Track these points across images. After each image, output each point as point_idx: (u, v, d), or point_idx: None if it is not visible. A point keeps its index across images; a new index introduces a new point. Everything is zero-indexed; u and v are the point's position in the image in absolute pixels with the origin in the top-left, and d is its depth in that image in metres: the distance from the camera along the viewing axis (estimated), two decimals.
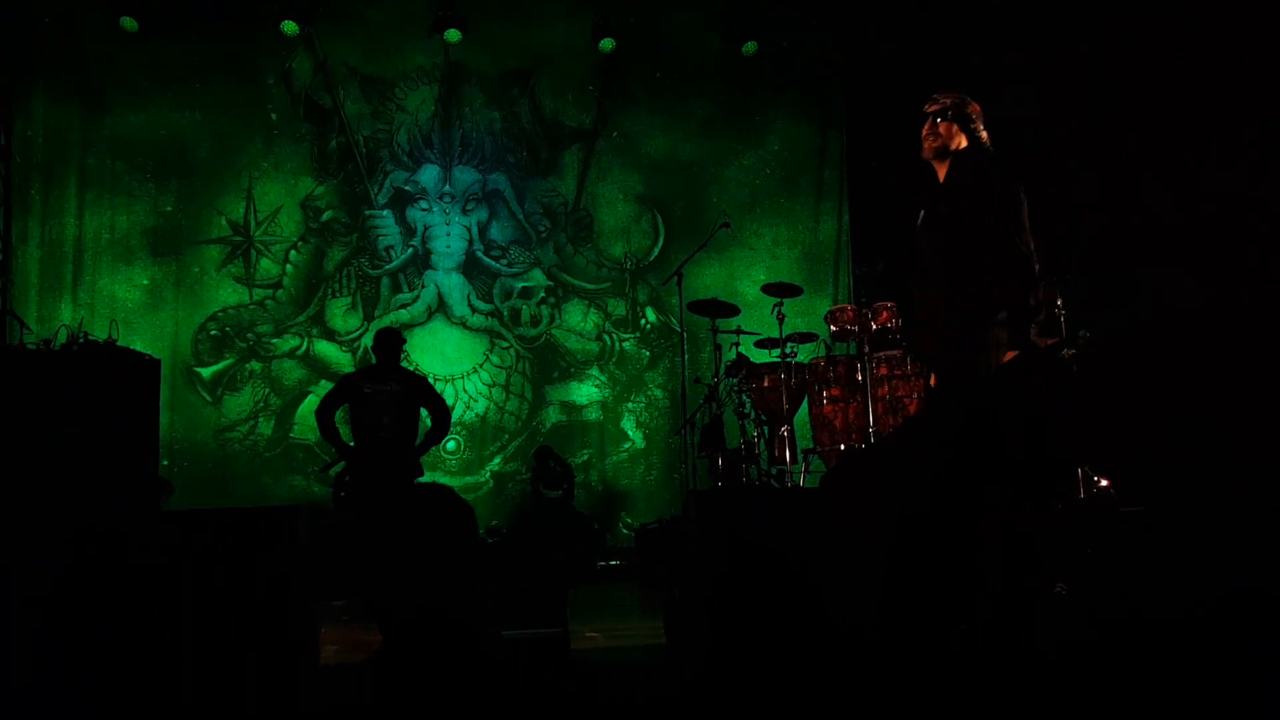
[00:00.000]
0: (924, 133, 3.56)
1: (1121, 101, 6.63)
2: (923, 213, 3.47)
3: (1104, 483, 5.13)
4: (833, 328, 6.58)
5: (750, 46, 8.89)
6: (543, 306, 8.89)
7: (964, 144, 3.53)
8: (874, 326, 6.48)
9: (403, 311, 8.73)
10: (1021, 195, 3.30)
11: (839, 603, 2.46)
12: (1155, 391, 5.95)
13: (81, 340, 5.97)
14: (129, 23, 8.14)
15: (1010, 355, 3.02)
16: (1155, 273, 6.10)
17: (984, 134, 3.52)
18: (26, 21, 8.31)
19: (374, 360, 6.66)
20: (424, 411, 6.59)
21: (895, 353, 6.46)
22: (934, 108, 3.57)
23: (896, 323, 6.48)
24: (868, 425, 6.32)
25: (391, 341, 6.51)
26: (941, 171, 3.56)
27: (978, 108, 3.58)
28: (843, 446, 6.50)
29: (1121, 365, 5.87)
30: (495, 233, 8.93)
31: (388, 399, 6.37)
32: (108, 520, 3.25)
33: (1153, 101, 6.39)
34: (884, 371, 6.44)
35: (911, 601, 2.36)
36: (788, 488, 6.50)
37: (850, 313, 6.56)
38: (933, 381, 3.22)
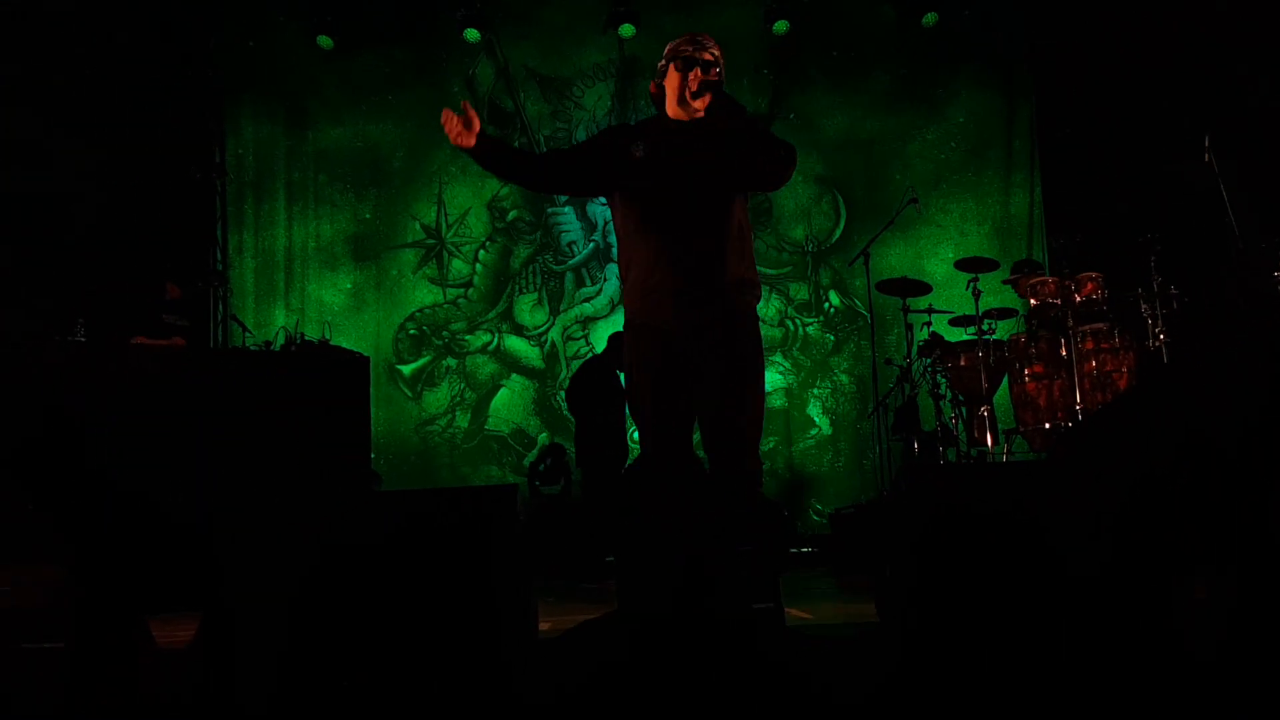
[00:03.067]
0: (709, 79, 3.11)
1: None
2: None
3: None
4: (1033, 301, 6.31)
5: (930, 18, 8.61)
6: None
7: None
8: (1078, 299, 6.17)
9: (586, 305, 8.90)
10: None
11: (1079, 564, 2.34)
12: None
13: (299, 341, 6.38)
14: (325, 41, 8.62)
15: None
16: None
17: None
18: (233, 47, 8.93)
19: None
20: None
21: (1102, 326, 6.13)
22: (713, 52, 3.19)
23: (1102, 294, 6.15)
24: (1074, 403, 6.02)
25: None
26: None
27: None
28: (1047, 426, 6.22)
29: None
30: None
31: None
32: (337, 505, 3.43)
33: None
34: (1090, 346, 6.13)
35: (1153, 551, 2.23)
36: (1006, 461, 6.26)
37: (1052, 285, 6.27)
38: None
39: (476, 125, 3.07)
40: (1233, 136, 5.71)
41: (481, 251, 9.01)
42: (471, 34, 8.67)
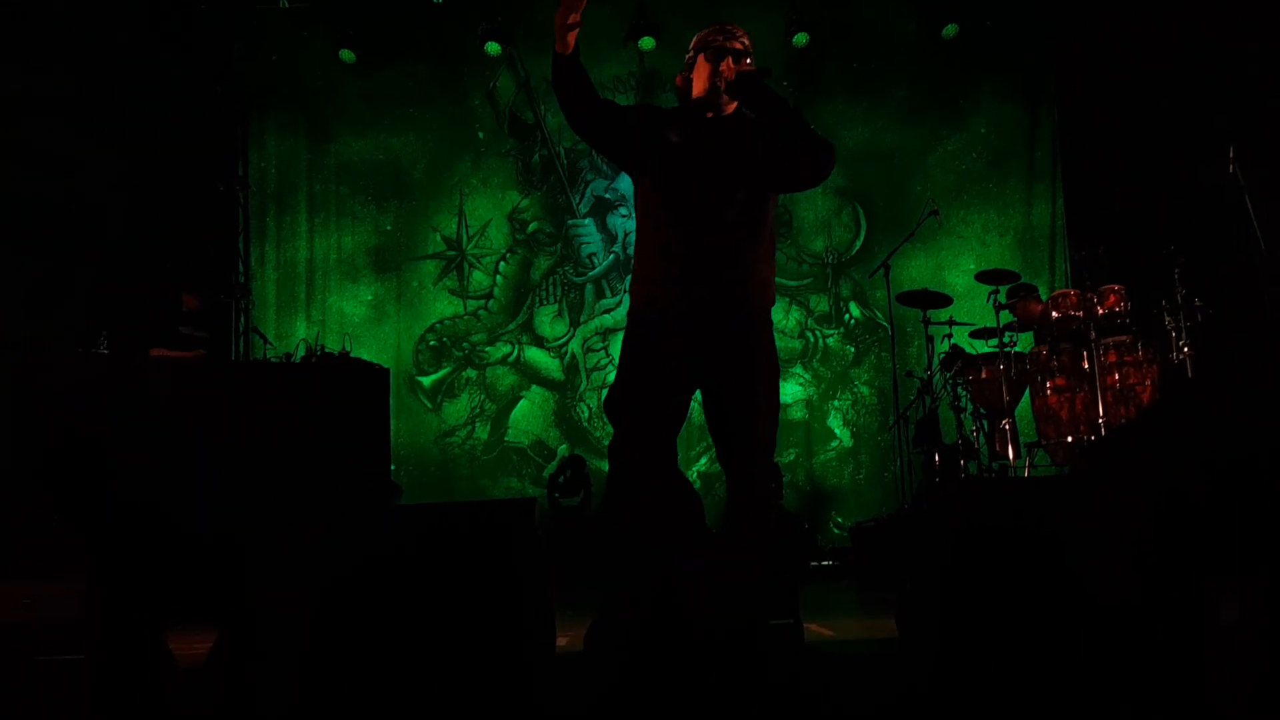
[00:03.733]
0: (736, 64, 3.06)
1: None
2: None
3: None
4: (1054, 314, 6.27)
5: (951, 29, 8.59)
6: None
7: None
8: (1100, 311, 6.14)
9: (606, 316, 8.90)
10: None
11: (1101, 582, 2.32)
12: None
13: (319, 353, 6.42)
14: (347, 55, 8.68)
15: None
16: None
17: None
18: (257, 61, 9.02)
19: None
20: None
21: (1125, 338, 6.09)
22: (743, 42, 3.11)
23: (1125, 306, 6.11)
24: (1097, 416, 5.98)
25: None
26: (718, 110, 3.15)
27: None
28: (1070, 439, 6.17)
29: None
30: None
31: None
32: (357, 517, 3.43)
33: None
34: (1113, 358, 6.09)
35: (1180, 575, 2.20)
36: (1028, 476, 6.22)
37: (1074, 297, 6.23)
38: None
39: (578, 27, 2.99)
40: (1257, 147, 5.67)
41: (502, 263, 9.04)
42: (493, 47, 8.71)
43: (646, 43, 8.68)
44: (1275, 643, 2.28)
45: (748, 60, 3.09)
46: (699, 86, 3.10)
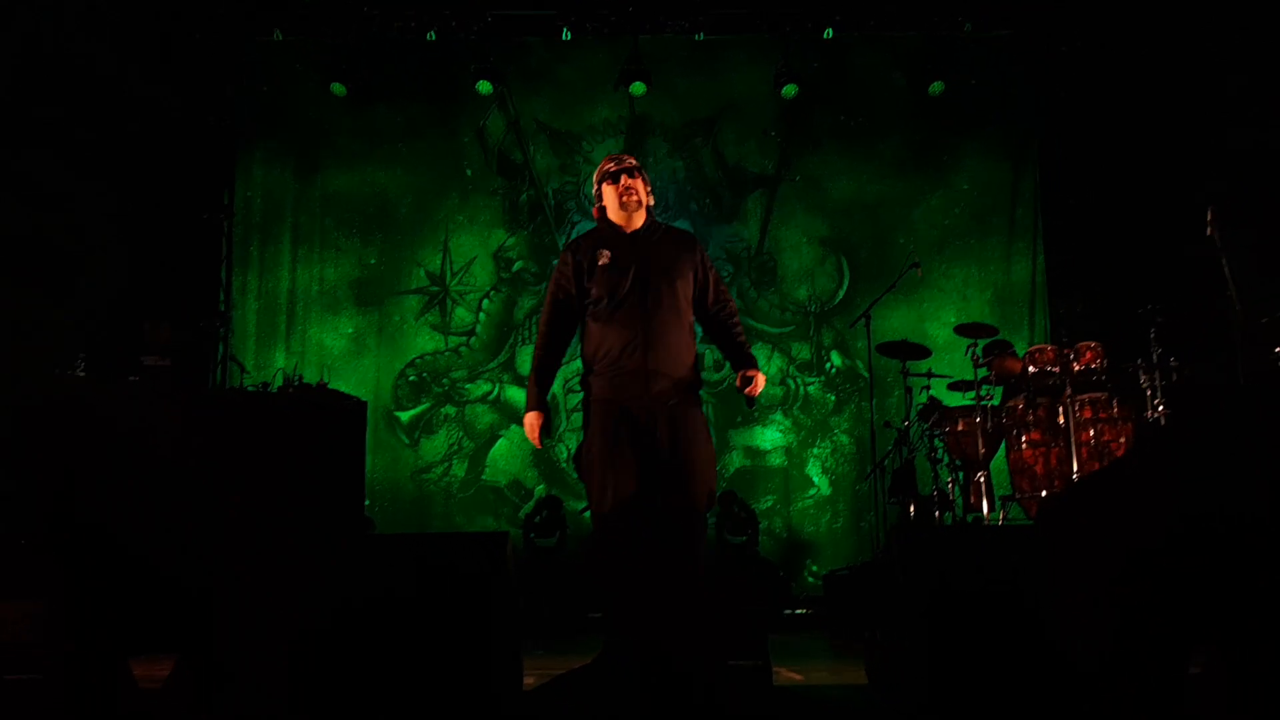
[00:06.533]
0: (635, 183, 3.76)
1: None
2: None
3: None
4: (1031, 369, 6.31)
5: (937, 86, 8.74)
6: None
7: (651, 201, 3.85)
8: (1076, 368, 6.18)
9: None
10: None
11: (1068, 640, 2.32)
12: None
13: (297, 383, 6.38)
14: (338, 88, 8.74)
15: None
16: None
17: None
18: (248, 91, 9.06)
19: None
20: None
21: (1100, 395, 6.13)
22: (631, 162, 3.83)
23: (1102, 363, 6.16)
24: (1071, 471, 6.00)
25: None
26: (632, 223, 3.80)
27: None
28: (1044, 493, 6.19)
29: None
30: None
31: None
32: (328, 548, 3.40)
33: None
34: (1088, 415, 6.12)
35: (1141, 640, 2.20)
36: (998, 526, 6.23)
37: (1050, 353, 6.28)
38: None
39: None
40: (1236, 210, 5.76)
41: (485, 301, 9.04)
42: (484, 86, 8.79)
43: (638, 88, 8.77)
44: (1246, 701, 2.28)
45: (639, 171, 3.80)
46: (612, 210, 3.78)
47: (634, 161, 3.82)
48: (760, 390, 3.70)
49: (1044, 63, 8.86)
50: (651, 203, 3.83)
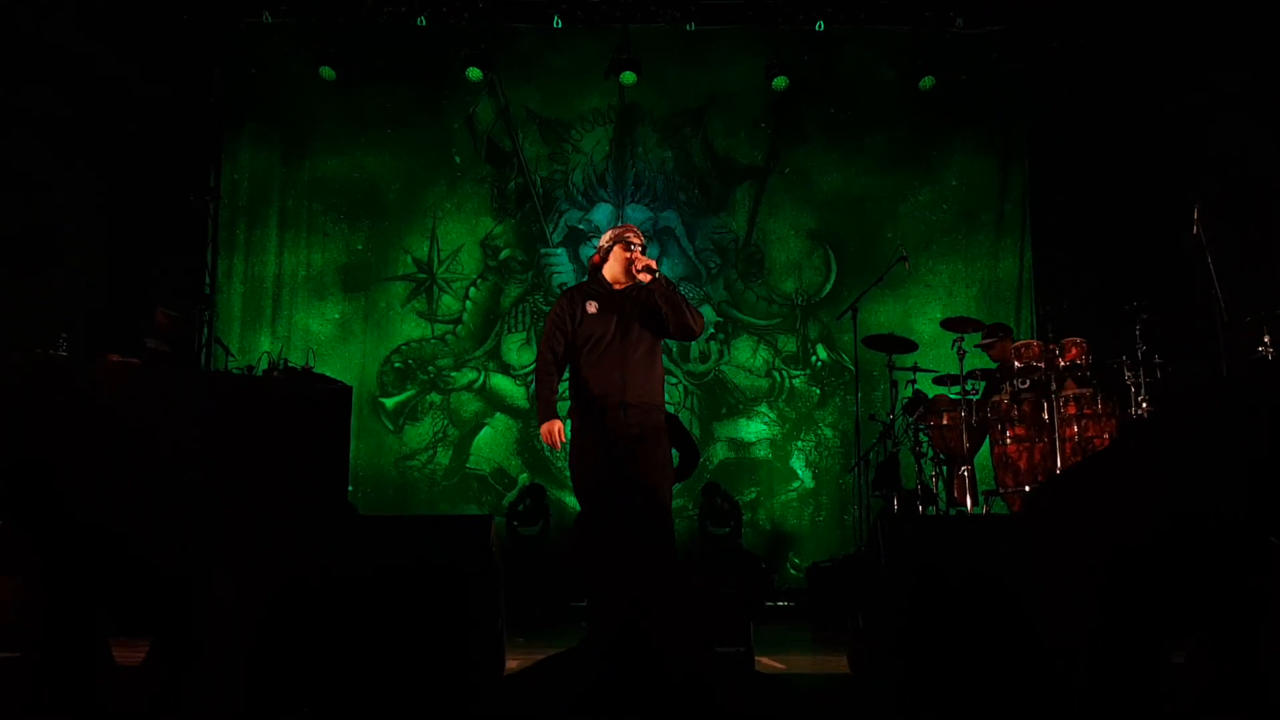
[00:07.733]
0: (640, 254, 4.46)
1: None
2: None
3: None
4: (1017, 364, 6.33)
5: (927, 81, 8.74)
6: (712, 342, 8.89)
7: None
8: (1061, 363, 6.20)
9: None
10: None
11: (1051, 629, 2.32)
12: None
13: (282, 367, 6.34)
14: (327, 72, 8.68)
15: None
16: None
17: None
18: (236, 74, 9.00)
19: None
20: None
21: (1085, 391, 6.15)
22: (642, 239, 4.57)
23: (1087, 359, 6.18)
24: (1054, 467, 6.02)
25: None
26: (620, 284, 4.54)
27: None
28: (1027, 488, 6.21)
29: None
30: (666, 269, 8.96)
31: None
32: (310, 529, 3.38)
33: None
34: (1072, 410, 6.14)
35: (1128, 630, 2.20)
36: (982, 515, 6.26)
37: (1036, 349, 6.30)
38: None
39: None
40: (1222, 208, 5.78)
41: (472, 289, 9.01)
42: (474, 73, 8.75)
43: (628, 77, 8.74)
44: (1225, 691, 2.29)
45: (644, 249, 4.54)
46: (616, 268, 4.51)
47: (642, 239, 4.56)
48: (644, 263, 4.35)
49: (1034, 59, 8.88)
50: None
